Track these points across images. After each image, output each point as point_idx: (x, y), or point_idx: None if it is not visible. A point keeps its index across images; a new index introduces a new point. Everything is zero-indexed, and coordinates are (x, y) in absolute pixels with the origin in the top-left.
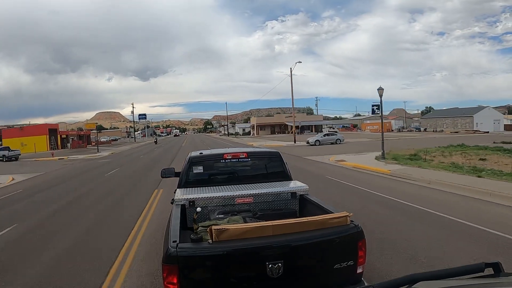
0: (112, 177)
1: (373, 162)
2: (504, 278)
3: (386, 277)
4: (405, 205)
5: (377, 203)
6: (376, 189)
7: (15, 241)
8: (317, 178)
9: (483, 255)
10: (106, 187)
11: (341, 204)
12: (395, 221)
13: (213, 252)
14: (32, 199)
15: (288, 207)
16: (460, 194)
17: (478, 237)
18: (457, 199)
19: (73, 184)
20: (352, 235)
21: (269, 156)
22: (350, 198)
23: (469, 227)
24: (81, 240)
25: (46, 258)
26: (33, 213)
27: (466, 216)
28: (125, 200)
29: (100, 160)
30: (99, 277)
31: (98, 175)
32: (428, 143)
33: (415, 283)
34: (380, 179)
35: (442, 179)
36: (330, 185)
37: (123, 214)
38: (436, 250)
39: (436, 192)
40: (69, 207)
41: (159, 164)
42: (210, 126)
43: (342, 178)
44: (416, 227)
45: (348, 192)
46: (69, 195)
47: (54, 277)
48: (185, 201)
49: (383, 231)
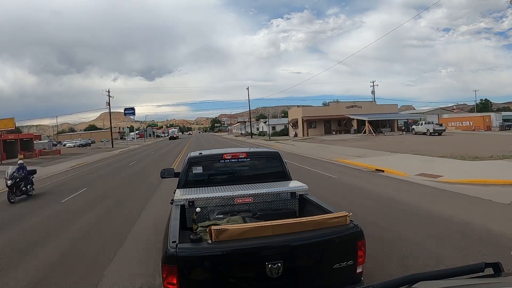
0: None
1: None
2: (504, 278)
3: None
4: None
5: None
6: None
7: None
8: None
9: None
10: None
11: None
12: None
13: (212, 252)
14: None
15: (288, 207)
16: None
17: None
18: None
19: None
20: (352, 235)
21: (268, 156)
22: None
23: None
24: None
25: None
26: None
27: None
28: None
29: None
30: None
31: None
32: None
33: (415, 283)
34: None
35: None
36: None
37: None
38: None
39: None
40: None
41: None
42: (218, 125)
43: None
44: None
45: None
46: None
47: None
48: (185, 201)
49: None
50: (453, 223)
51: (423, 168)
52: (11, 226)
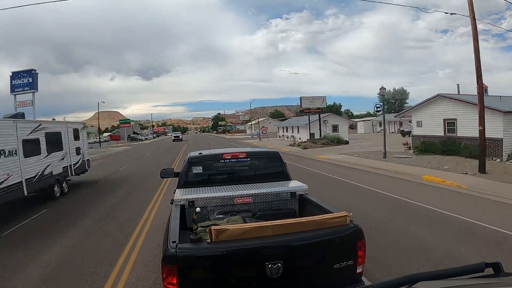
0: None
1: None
2: (504, 278)
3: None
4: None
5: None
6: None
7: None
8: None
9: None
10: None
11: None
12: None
13: (212, 252)
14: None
15: (288, 207)
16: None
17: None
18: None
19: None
20: (352, 235)
21: (268, 156)
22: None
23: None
24: None
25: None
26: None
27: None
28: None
29: None
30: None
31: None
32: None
33: (415, 283)
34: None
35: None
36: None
37: None
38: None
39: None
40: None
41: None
42: (223, 123)
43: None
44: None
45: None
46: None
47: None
48: (185, 201)
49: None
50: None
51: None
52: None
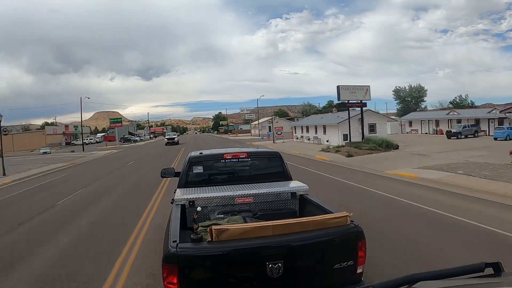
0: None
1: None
2: (504, 278)
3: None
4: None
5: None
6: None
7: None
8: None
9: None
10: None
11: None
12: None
13: (213, 252)
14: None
15: (288, 207)
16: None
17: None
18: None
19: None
20: (352, 235)
21: (269, 156)
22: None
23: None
24: None
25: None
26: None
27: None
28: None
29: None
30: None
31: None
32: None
33: (415, 283)
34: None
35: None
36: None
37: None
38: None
39: None
40: None
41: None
42: (225, 123)
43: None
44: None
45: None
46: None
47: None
48: (185, 201)
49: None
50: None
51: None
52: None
